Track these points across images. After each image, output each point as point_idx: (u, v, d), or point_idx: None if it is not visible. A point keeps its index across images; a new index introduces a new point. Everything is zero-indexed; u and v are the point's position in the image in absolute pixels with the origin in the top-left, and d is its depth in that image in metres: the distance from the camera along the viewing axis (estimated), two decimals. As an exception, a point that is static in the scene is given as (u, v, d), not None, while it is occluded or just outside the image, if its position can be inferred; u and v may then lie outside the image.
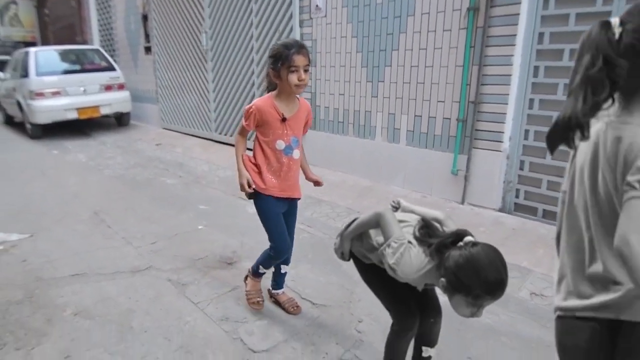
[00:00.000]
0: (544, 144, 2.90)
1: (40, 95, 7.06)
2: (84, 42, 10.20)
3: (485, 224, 3.35)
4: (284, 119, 2.01)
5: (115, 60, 8.49)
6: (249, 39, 5.61)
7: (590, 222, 0.99)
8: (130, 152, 6.45)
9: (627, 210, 0.88)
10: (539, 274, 2.64)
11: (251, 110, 2.00)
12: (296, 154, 2.10)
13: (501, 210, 3.57)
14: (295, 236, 2.31)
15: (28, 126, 7.43)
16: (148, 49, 8.02)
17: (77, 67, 7.71)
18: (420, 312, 1.58)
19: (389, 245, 1.41)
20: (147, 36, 7.98)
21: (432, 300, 1.62)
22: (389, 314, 1.61)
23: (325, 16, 4.62)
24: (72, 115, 7.27)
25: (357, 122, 4.54)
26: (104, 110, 7.59)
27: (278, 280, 2.38)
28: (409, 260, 1.38)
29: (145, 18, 7.89)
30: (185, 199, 4.26)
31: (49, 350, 2.02)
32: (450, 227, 1.49)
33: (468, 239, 1.35)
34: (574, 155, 1.04)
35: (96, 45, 9.64)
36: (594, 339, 0.99)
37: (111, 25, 9.24)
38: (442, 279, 1.33)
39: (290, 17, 4.95)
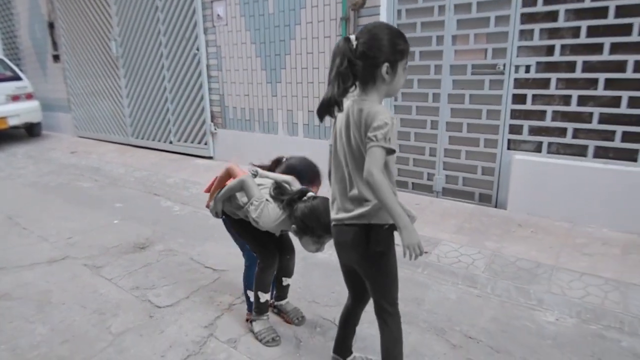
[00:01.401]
0: (409, 129, 3.76)
1: (-62, 108, 6.77)
2: (-16, 51, 9.69)
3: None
4: None
5: (21, 70, 8.25)
6: (158, 45, 5.90)
7: (348, 162, 1.57)
8: (43, 161, 6.42)
9: (369, 154, 1.46)
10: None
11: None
12: None
13: (382, 186, 4.27)
14: (203, 222, 2.70)
15: None
16: (57, 57, 7.92)
17: (-21, 77, 7.44)
18: (279, 252, 2.13)
19: (251, 204, 1.93)
20: (54, 44, 7.87)
21: (287, 242, 2.18)
22: (256, 255, 2.13)
23: (227, 24, 5.08)
24: (-24, 128, 7.03)
25: (261, 119, 5.06)
26: (12, 122, 7.39)
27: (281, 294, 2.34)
28: (267, 213, 1.91)
29: (51, 26, 7.78)
30: (100, 199, 4.50)
31: (-28, 326, 2.31)
32: (296, 187, 2.05)
33: (310, 194, 1.91)
34: (335, 122, 1.62)
35: (-1, 54, 9.25)
36: (355, 236, 1.58)
37: (15, 34, 8.92)
38: (293, 225, 1.87)
39: (195, 25, 5.34)
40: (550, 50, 3.23)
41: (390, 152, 1.46)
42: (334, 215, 1.63)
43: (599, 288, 2.46)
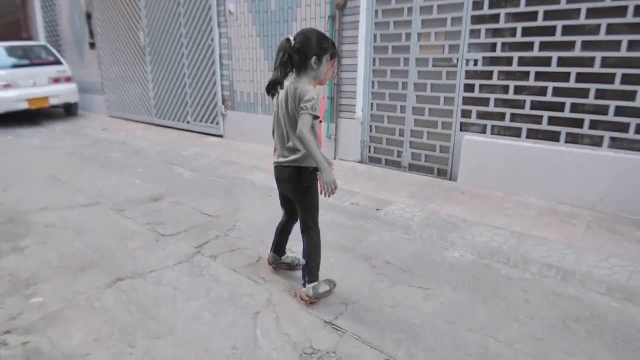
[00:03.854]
0: (383, 113, 4.57)
1: (-8, 87, 7.83)
2: (30, 39, 10.82)
3: (344, 170, 4.74)
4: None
5: (62, 56, 9.27)
6: (180, 36, 6.74)
7: (286, 124, 2.31)
8: (79, 136, 7.39)
9: (301, 119, 2.19)
10: (362, 194, 4.03)
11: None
12: None
13: (360, 162, 4.98)
14: (207, 184, 3.47)
15: (-19, 116, 8.15)
16: (93, 45, 8.90)
17: (27, 61, 8.45)
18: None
19: None
20: (91, 33, 8.85)
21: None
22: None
23: (237, 19, 5.84)
24: (23, 106, 8.05)
25: (264, 102, 5.83)
26: (53, 101, 8.41)
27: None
28: None
29: (89, 16, 8.76)
30: (126, 166, 5.38)
31: (30, 241, 3.18)
32: None
33: None
34: (278, 96, 2.36)
35: (42, 41, 10.33)
36: (290, 174, 2.32)
37: (57, 23, 9.97)
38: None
39: (210, 19, 6.14)
40: (493, 47, 3.85)
41: (315, 117, 2.18)
42: (276, 159, 2.38)
43: (502, 237, 3.12)
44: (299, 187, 2.33)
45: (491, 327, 2.19)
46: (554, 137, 3.68)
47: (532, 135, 3.79)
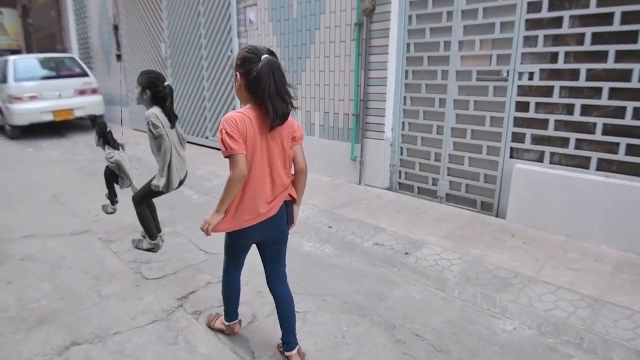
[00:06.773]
0: (417, 133, 3.84)
1: (19, 99, 7.76)
2: (64, 50, 10.91)
3: (368, 198, 4.10)
4: None
5: (91, 67, 9.20)
6: (199, 48, 6.37)
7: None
8: (98, 149, 7.11)
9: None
10: (389, 231, 3.38)
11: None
12: None
13: (389, 189, 4.33)
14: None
15: (7, 127, 8.10)
16: (119, 57, 8.75)
17: (53, 73, 8.40)
18: None
19: None
20: (118, 45, 8.71)
21: None
22: None
23: (257, 29, 5.38)
24: (48, 117, 7.95)
25: (283, 118, 5.30)
26: (78, 113, 8.29)
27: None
28: None
29: (116, 28, 8.63)
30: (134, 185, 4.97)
31: (-4, 279, 2.75)
32: None
33: None
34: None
35: (75, 53, 10.37)
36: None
37: (88, 35, 9.97)
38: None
39: (230, 29, 5.71)
40: (554, 57, 3.14)
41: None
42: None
43: (570, 303, 2.39)
44: None
45: None
46: (634, 170, 2.90)
47: (604, 166, 3.03)
